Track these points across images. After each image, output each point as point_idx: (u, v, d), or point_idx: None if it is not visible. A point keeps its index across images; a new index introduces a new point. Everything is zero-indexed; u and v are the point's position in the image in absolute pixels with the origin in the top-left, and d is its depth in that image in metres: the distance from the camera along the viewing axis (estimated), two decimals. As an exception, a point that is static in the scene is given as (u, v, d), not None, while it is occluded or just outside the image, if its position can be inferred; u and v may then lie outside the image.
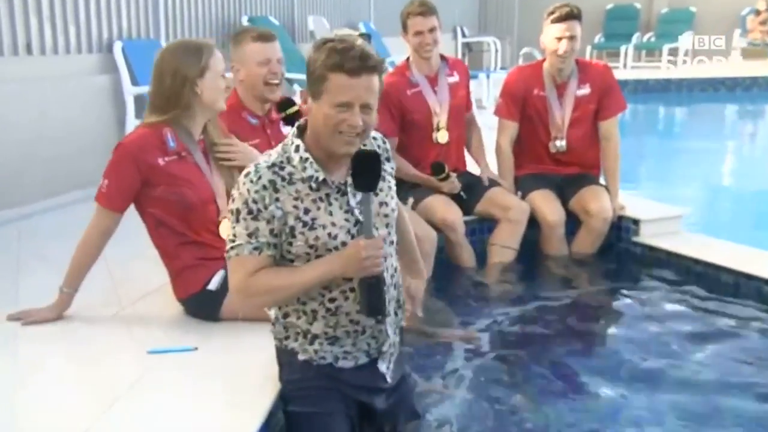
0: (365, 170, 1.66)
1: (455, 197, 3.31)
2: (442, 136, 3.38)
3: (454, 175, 3.31)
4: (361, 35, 2.98)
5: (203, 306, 2.35)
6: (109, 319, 2.38)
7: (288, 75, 5.88)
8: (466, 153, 3.61)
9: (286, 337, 1.82)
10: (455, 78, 3.47)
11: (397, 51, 7.84)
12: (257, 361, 2.07)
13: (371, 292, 1.66)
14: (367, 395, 1.82)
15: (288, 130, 2.62)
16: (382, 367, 1.81)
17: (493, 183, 3.48)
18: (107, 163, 2.29)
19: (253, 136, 2.61)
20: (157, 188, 2.29)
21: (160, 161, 2.28)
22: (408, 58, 3.43)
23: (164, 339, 2.24)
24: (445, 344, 2.56)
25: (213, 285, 2.31)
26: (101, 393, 1.91)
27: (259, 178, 1.68)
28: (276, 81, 2.63)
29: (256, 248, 1.68)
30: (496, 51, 10.68)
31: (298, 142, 1.73)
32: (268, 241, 1.68)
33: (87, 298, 2.38)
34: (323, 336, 1.77)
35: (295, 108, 2.65)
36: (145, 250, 2.42)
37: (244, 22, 6.08)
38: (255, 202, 1.67)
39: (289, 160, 1.72)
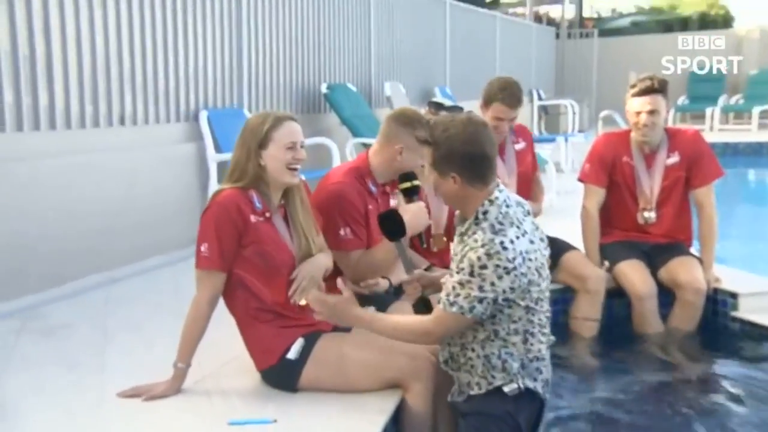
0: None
1: None
2: None
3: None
4: (451, 108, 3.02)
5: (282, 376, 2.35)
6: (189, 388, 2.41)
7: (363, 140, 6.06)
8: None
9: None
10: (521, 145, 3.50)
11: (473, 115, 7.92)
12: (337, 434, 2.05)
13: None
14: None
15: (395, 204, 2.71)
16: None
17: (567, 246, 3.43)
18: (200, 228, 2.31)
19: (368, 200, 2.67)
20: (247, 248, 2.31)
21: (252, 219, 2.31)
22: None
23: (244, 409, 2.25)
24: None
25: (293, 354, 2.32)
26: (182, 464, 1.93)
27: None
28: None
29: None
30: (574, 114, 10.64)
31: None
32: None
33: (168, 365, 2.41)
34: None
35: (417, 183, 2.61)
36: (226, 315, 2.45)
37: (323, 89, 6.31)
38: None
39: None
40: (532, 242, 2.02)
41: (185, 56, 4.77)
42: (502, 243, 1.94)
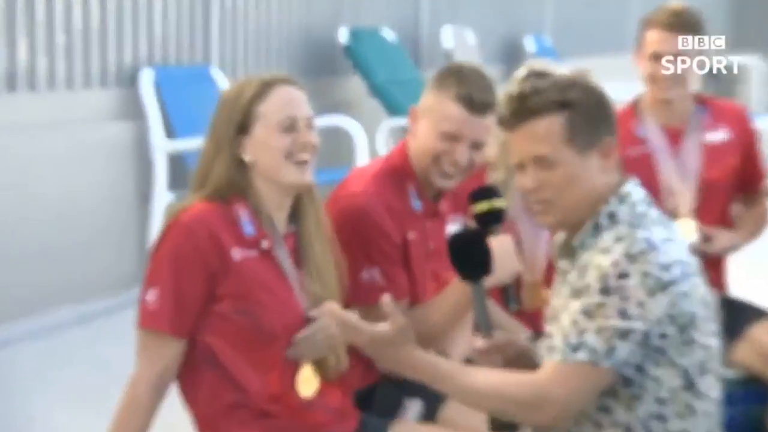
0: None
1: None
2: (685, 229, 3.35)
3: None
4: None
5: None
6: None
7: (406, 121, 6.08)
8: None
9: None
10: (721, 135, 3.48)
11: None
12: None
13: None
14: None
15: (453, 229, 2.70)
16: None
17: (756, 312, 3.37)
18: (149, 265, 2.31)
19: (408, 224, 2.67)
20: (223, 301, 2.29)
21: (235, 254, 2.30)
22: (636, 99, 3.52)
23: None
24: None
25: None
26: None
27: None
28: (454, 172, 2.66)
29: None
30: (762, 79, 10.57)
31: None
32: None
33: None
34: None
35: (500, 204, 2.55)
36: (177, 408, 2.41)
37: (342, 35, 6.36)
38: None
39: None
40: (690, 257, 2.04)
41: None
42: (648, 240, 1.95)
